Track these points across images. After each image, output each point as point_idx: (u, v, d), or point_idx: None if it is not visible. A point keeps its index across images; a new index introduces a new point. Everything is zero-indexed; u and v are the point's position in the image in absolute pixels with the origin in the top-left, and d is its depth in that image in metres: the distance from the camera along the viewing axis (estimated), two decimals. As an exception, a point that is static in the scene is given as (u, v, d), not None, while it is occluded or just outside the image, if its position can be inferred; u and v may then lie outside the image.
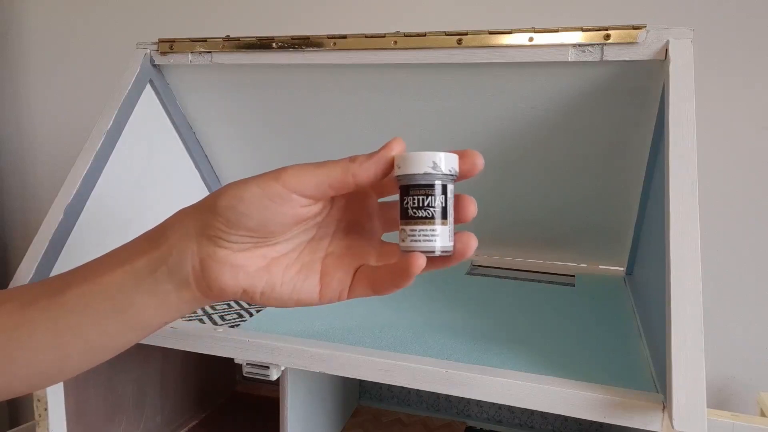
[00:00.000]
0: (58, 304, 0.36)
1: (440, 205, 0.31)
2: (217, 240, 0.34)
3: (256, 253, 0.35)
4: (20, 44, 1.13)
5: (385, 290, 0.34)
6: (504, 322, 0.54)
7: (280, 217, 0.33)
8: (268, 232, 0.34)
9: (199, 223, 0.35)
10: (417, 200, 0.31)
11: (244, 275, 0.34)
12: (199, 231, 0.34)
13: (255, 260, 0.35)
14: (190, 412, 0.79)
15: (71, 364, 0.37)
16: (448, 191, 0.32)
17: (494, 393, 0.42)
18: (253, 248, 0.35)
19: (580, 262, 0.74)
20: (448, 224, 0.32)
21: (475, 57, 0.56)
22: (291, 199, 0.33)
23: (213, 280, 0.34)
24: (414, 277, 0.32)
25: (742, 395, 0.84)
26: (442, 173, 0.31)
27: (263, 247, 0.35)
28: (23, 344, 0.35)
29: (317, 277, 0.36)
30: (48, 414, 0.56)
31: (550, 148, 0.63)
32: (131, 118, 0.66)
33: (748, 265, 0.81)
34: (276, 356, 0.48)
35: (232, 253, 0.34)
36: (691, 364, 0.36)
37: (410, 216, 0.31)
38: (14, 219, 1.21)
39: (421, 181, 0.31)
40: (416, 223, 0.31)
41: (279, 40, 0.62)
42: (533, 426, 0.78)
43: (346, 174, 0.32)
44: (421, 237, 0.31)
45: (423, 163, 0.31)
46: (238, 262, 0.34)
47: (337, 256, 0.37)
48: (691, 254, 0.40)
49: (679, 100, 0.47)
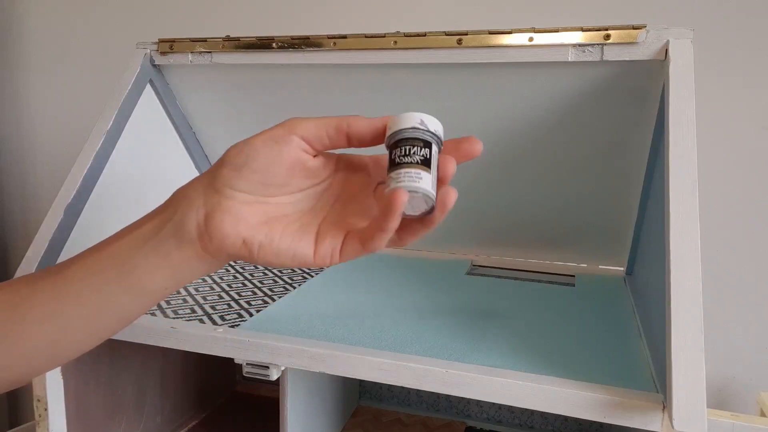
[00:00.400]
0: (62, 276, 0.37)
1: (426, 155, 0.33)
2: (224, 190, 0.36)
3: (259, 209, 0.37)
4: (20, 44, 1.13)
5: (374, 241, 0.35)
6: (504, 322, 0.54)
7: (282, 157, 0.36)
8: (271, 176, 0.36)
9: (208, 179, 0.37)
10: (405, 149, 0.33)
11: (245, 225, 0.36)
12: (207, 185, 0.37)
13: (257, 215, 0.37)
14: (190, 412, 0.79)
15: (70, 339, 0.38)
16: (432, 149, 0.34)
17: (494, 393, 0.42)
18: (256, 203, 0.37)
19: (580, 262, 0.74)
20: (432, 175, 0.33)
21: (475, 57, 0.57)
22: (292, 140, 0.36)
23: (215, 229, 0.36)
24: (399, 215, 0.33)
25: (742, 395, 0.84)
26: (428, 131, 0.34)
27: (265, 203, 0.37)
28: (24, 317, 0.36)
29: (313, 237, 0.38)
30: (48, 414, 0.56)
31: (550, 148, 0.63)
32: (131, 118, 0.66)
33: (748, 265, 0.81)
34: (276, 356, 0.48)
35: (236, 204, 0.36)
36: (691, 364, 0.36)
37: (397, 163, 0.33)
38: (14, 219, 1.21)
39: (408, 135, 0.33)
40: (402, 167, 0.33)
41: (279, 40, 0.62)
42: (533, 426, 0.78)
43: (342, 121, 0.36)
44: (405, 178, 0.33)
45: (412, 119, 0.34)
46: (241, 213, 0.36)
47: (331, 222, 0.39)
48: (691, 254, 0.40)
49: (679, 100, 0.47)
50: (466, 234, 0.76)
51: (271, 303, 0.58)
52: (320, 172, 0.39)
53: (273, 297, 0.60)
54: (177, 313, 0.55)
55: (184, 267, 0.37)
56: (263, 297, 0.60)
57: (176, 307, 0.56)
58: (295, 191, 0.38)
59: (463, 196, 0.71)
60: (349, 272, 0.70)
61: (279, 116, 0.71)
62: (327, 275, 0.68)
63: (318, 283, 0.65)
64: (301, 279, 0.67)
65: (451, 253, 0.78)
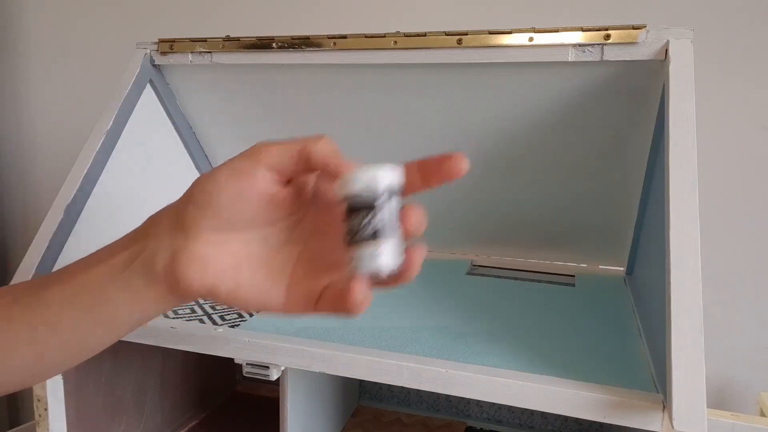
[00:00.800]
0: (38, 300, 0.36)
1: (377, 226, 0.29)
2: (189, 229, 0.34)
3: (225, 249, 0.35)
4: (20, 44, 1.13)
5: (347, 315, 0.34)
6: (504, 322, 0.54)
7: (248, 192, 0.33)
8: (239, 212, 0.34)
9: (174, 214, 0.35)
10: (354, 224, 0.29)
11: (213, 272, 0.34)
12: (173, 222, 0.35)
13: (223, 258, 0.35)
14: (190, 412, 0.79)
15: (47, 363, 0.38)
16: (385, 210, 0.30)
17: (494, 393, 0.42)
18: (222, 243, 0.35)
19: (580, 262, 0.74)
20: (390, 240, 0.30)
21: (475, 57, 0.56)
22: (257, 171, 0.33)
23: (181, 274, 0.34)
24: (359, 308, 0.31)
25: (742, 395, 0.84)
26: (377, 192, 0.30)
27: (233, 243, 0.35)
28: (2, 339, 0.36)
29: (284, 285, 0.36)
30: (48, 414, 0.56)
31: (550, 148, 0.63)
32: (131, 118, 0.66)
33: (748, 265, 0.81)
34: (276, 356, 0.48)
35: (202, 246, 0.34)
36: (691, 364, 0.36)
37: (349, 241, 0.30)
38: (14, 219, 1.21)
39: (355, 203, 0.29)
40: (355, 247, 0.30)
41: (279, 40, 0.62)
42: (533, 426, 0.78)
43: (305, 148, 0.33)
44: (362, 261, 0.29)
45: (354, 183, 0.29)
46: (207, 257, 0.34)
47: (307, 265, 0.36)
48: (691, 254, 0.40)
49: (679, 100, 0.47)
50: (466, 234, 0.76)
51: (271, 303, 0.58)
52: (293, 202, 0.35)
53: (273, 297, 0.60)
54: (177, 313, 0.55)
55: (152, 304, 0.36)
56: (263, 297, 0.60)
57: (176, 307, 0.56)
58: (265, 225, 0.35)
59: (464, 196, 0.71)
60: (349, 272, 0.70)
61: (279, 116, 0.71)
62: (327, 275, 0.68)
63: (318, 283, 0.65)
64: (301, 279, 0.67)
65: (451, 253, 0.78)
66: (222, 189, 0.33)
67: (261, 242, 0.36)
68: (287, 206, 0.35)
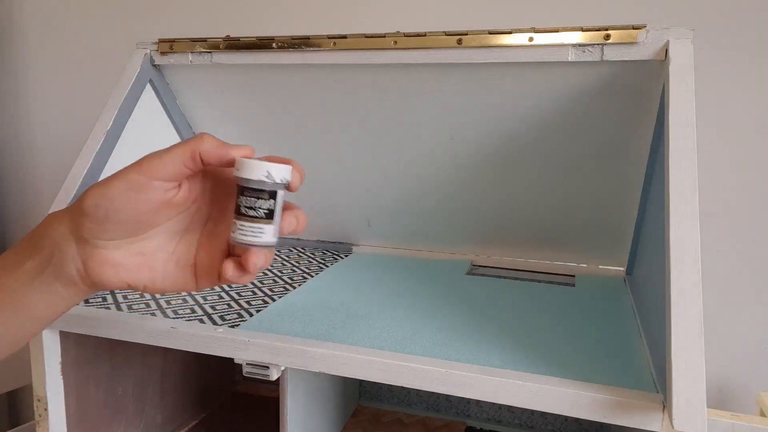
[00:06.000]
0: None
1: (270, 207, 0.36)
2: (92, 240, 0.36)
3: (132, 249, 0.37)
4: (20, 44, 1.13)
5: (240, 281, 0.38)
6: (504, 321, 0.54)
7: (146, 205, 0.36)
8: (139, 222, 0.36)
9: (72, 225, 0.36)
10: (250, 200, 0.36)
11: (125, 272, 0.37)
12: (75, 233, 0.36)
13: (132, 257, 0.37)
14: (190, 412, 0.79)
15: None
16: (277, 197, 0.36)
17: (494, 393, 0.42)
18: (128, 245, 0.37)
19: (580, 262, 0.74)
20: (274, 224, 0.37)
21: (475, 57, 0.56)
22: (153, 186, 0.35)
23: (96, 278, 0.37)
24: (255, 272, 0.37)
25: (742, 395, 0.84)
26: (274, 182, 0.36)
27: (138, 242, 0.37)
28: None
29: (191, 270, 0.39)
30: (48, 414, 0.56)
31: (550, 147, 0.63)
32: (131, 118, 0.66)
33: (747, 265, 0.81)
34: (276, 356, 0.48)
35: (108, 252, 0.36)
36: (691, 364, 0.36)
37: (242, 213, 0.36)
38: (14, 219, 1.21)
39: (255, 186, 0.36)
40: (246, 220, 0.36)
41: (279, 40, 0.62)
42: (533, 426, 0.78)
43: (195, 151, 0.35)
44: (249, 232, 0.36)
45: (258, 171, 0.35)
46: (117, 260, 0.37)
47: (206, 249, 0.39)
48: (691, 254, 0.40)
49: (679, 100, 0.47)
50: (466, 234, 0.76)
51: (271, 303, 0.58)
52: (187, 198, 0.38)
53: (273, 297, 0.60)
54: (177, 313, 0.55)
55: (74, 298, 0.38)
56: (263, 297, 0.60)
57: (176, 307, 0.56)
58: (165, 221, 0.38)
59: (464, 196, 0.71)
60: (349, 272, 0.70)
61: (279, 116, 0.71)
62: (327, 276, 0.68)
63: (318, 283, 0.65)
64: (302, 279, 0.67)
65: (451, 253, 0.78)
66: (119, 205, 0.35)
67: (164, 236, 0.39)
68: (182, 203, 0.38)
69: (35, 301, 0.37)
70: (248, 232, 0.36)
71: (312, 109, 0.69)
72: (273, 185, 0.36)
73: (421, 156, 0.68)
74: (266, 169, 0.35)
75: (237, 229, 0.36)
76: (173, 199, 0.37)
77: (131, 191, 0.35)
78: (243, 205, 0.36)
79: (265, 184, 0.36)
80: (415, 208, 0.74)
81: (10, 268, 0.38)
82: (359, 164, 0.72)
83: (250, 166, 0.35)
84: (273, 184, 0.36)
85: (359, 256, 0.78)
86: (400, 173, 0.71)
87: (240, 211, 0.36)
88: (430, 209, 0.74)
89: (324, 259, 0.77)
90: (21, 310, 0.37)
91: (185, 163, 0.35)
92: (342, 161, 0.72)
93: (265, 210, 0.36)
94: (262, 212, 0.36)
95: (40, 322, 0.39)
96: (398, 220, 0.77)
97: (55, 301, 0.38)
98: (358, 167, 0.72)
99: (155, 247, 0.38)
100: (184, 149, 0.35)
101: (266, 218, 0.36)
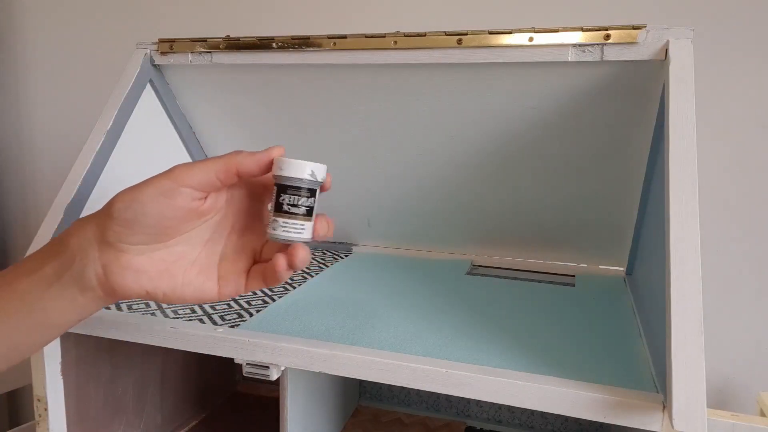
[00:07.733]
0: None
1: (311, 205, 0.38)
2: (117, 244, 0.36)
3: (155, 257, 0.38)
4: (20, 44, 1.13)
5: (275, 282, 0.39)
6: (504, 321, 0.54)
7: (174, 211, 0.36)
8: (164, 228, 0.37)
9: (98, 230, 0.37)
10: (292, 198, 0.37)
11: (147, 279, 0.37)
12: (99, 237, 0.37)
13: (155, 264, 0.38)
14: (190, 412, 0.79)
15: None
16: (316, 195, 0.38)
17: (494, 393, 0.42)
18: (151, 252, 0.37)
19: (580, 262, 0.74)
20: (312, 222, 0.38)
21: (475, 57, 0.56)
22: (182, 192, 0.36)
23: (116, 284, 0.37)
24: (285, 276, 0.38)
25: (742, 395, 0.84)
26: (317, 181, 0.38)
27: (161, 249, 0.38)
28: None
29: (215, 279, 0.40)
30: (48, 414, 0.56)
31: (550, 148, 0.63)
32: (131, 118, 0.66)
33: (747, 265, 0.81)
34: (276, 356, 0.48)
35: (132, 257, 0.37)
36: (691, 364, 0.36)
37: (284, 210, 0.37)
38: (14, 219, 1.21)
39: (299, 184, 0.37)
40: (289, 217, 0.37)
41: (279, 40, 0.62)
42: (533, 426, 0.78)
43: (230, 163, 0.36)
44: (291, 229, 0.37)
45: (303, 170, 0.37)
46: (140, 266, 0.37)
47: (231, 258, 0.40)
48: (691, 254, 0.40)
49: (679, 100, 0.47)
50: (466, 234, 0.76)
51: (271, 303, 0.58)
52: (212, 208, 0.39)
53: (273, 297, 0.60)
54: (177, 313, 0.55)
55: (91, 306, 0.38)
56: (263, 297, 0.60)
57: (176, 307, 0.56)
58: (189, 231, 0.39)
59: (464, 196, 0.71)
60: (349, 272, 0.70)
61: (279, 116, 0.71)
62: (327, 276, 0.68)
63: (318, 282, 0.65)
64: (301, 279, 0.67)
65: (451, 253, 0.78)
66: (148, 209, 0.36)
67: (187, 245, 0.39)
68: (208, 213, 0.39)
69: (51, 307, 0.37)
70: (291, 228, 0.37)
71: (312, 109, 0.68)
72: (314, 183, 0.37)
73: (421, 156, 0.68)
74: (310, 168, 0.37)
75: (279, 226, 0.37)
76: (200, 208, 0.37)
77: (161, 196, 0.36)
78: (286, 203, 0.37)
79: (308, 182, 0.37)
80: (415, 208, 0.74)
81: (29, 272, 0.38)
82: (359, 164, 0.72)
83: (294, 165, 0.37)
84: (314, 183, 0.37)
85: (359, 256, 0.78)
86: (400, 173, 0.71)
87: (282, 208, 0.37)
88: (430, 209, 0.74)
89: (324, 258, 0.77)
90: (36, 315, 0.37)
91: (218, 175, 0.36)
92: (342, 161, 0.72)
93: (306, 207, 0.38)
94: (303, 209, 0.37)
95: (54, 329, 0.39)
96: (398, 220, 0.77)
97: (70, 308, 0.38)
98: (358, 167, 0.72)
99: (178, 255, 0.39)
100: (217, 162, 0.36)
101: (307, 215, 0.38)
